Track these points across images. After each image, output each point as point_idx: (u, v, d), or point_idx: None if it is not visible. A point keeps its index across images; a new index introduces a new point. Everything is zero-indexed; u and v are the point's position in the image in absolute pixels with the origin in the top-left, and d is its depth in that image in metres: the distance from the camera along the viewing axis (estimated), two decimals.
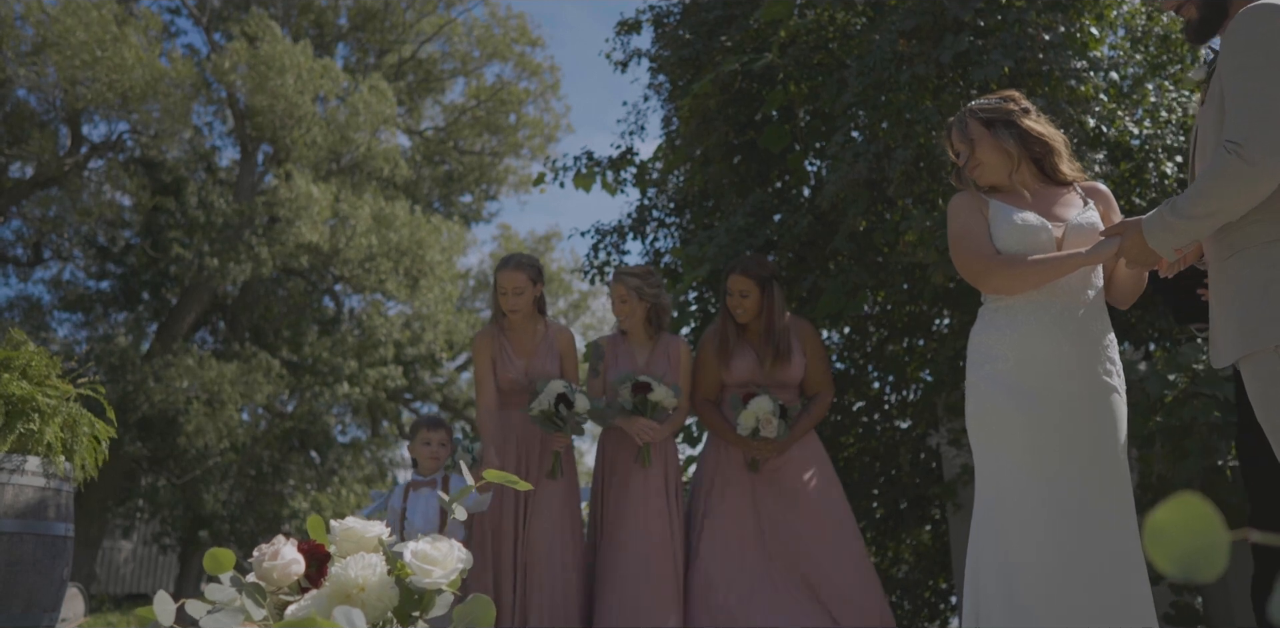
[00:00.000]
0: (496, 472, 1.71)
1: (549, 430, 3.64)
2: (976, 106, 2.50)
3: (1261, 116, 1.86)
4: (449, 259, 14.09)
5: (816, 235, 4.49)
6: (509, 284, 3.77)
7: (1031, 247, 2.37)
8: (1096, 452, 2.33)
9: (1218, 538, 0.73)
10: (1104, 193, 2.54)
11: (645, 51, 5.20)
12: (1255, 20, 1.92)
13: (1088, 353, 2.35)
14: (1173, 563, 0.74)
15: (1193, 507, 0.75)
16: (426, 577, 1.60)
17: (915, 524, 5.50)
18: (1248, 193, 1.89)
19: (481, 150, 15.24)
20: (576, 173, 5.36)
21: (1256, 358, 1.93)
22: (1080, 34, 3.70)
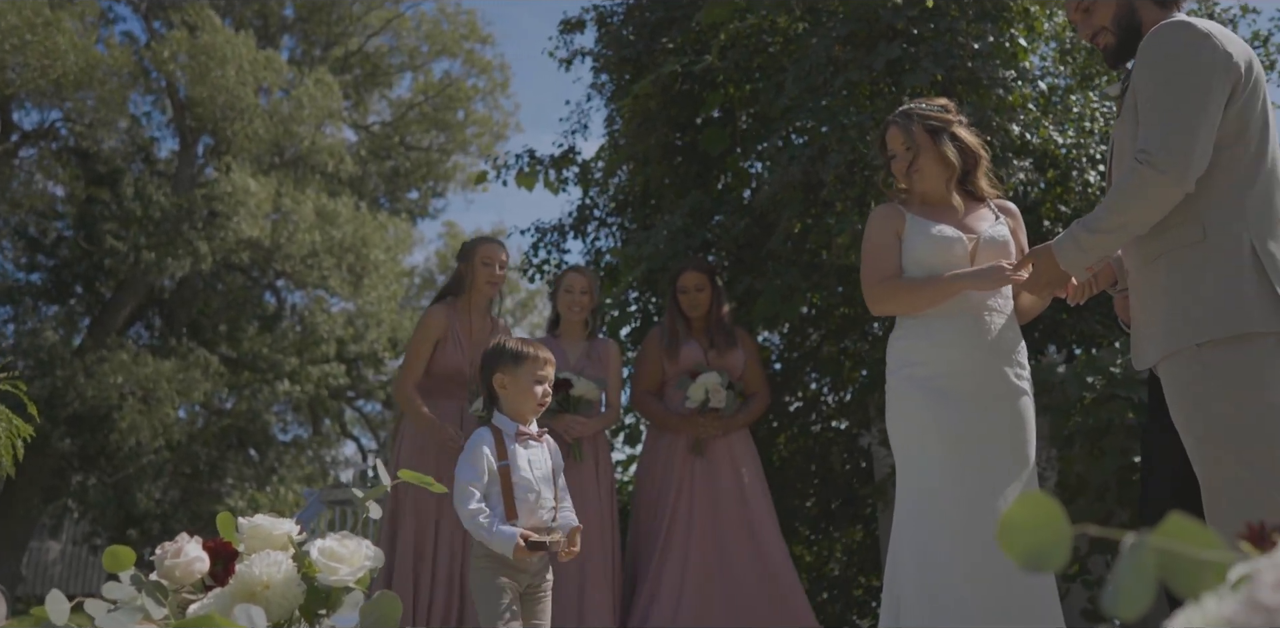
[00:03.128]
0: (410, 473, 1.70)
1: None
2: (920, 113, 2.53)
3: (1170, 127, 1.93)
4: (394, 257, 13.94)
5: (753, 237, 4.54)
6: (495, 257, 3.75)
7: (946, 259, 2.44)
8: (1009, 453, 2.41)
9: (1062, 534, 0.76)
10: (1015, 211, 2.63)
11: (589, 51, 5.21)
12: (1166, 36, 2.00)
13: (1000, 359, 2.43)
14: (1023, 556, 0.78)
15: (1041, 505, 0.78)
16: (333, 575, 1.59)
17: (848, 523, 5.58)
18: (1160, 201, 1.95)
19: (429, 147, 15.09)
20: (519, 171, 5.35)
21: (1178, 357, 1.99)
22: (1010, 44, 3.80)
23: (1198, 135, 1.93)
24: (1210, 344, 1.94)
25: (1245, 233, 1.96)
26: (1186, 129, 1.92)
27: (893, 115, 2.58)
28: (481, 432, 2.55)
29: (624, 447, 5.45)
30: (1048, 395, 3.74)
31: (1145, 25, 2.13)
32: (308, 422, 15.82)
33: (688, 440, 3.82)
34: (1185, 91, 1.94)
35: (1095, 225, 2.03)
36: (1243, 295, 1.92)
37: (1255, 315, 1.92)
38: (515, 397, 2.53)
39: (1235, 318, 1.92)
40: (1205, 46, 1.97)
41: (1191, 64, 1.96)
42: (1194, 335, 1.96)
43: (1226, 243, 1.96)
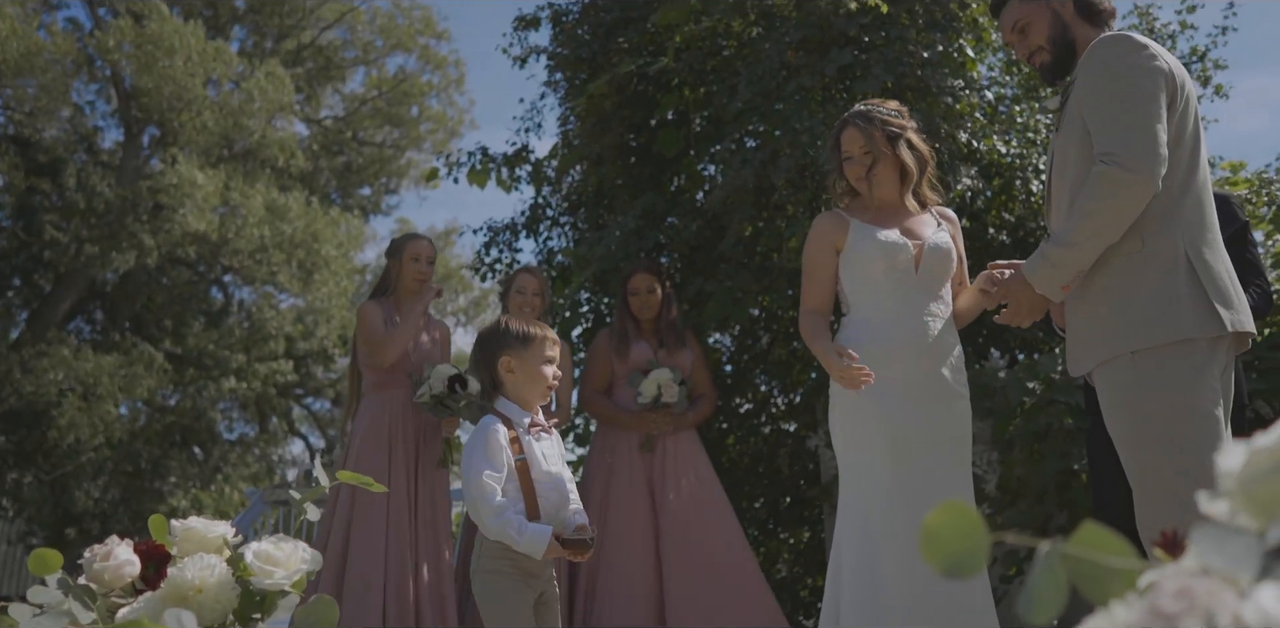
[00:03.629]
0: (349, 474, 1.69)
1: (440, 415, 3.60)
2: (881, 117, 2.53)
3: (1129, 128, 1.97)
4: (345, 253, 13.76)
5: (705, 240, 4.57)
6: (422, 253, 3.78)
7: (891, 264, 2.49)
8: (948, 456, 2.45)
9: (980, 541, 0.78)
10: (954, 218, 2.68)
11: (543, 49, 5.18)
12: (1112, 47, 2.07)
13: (939, 363, 2.47)
14: (942, 563, 0.79)
15: (961, 512, 0.79)
16: (268, 578, 1.57)
17: (795, 524, 5.64)
18: (1132, 201, 1.97)
19: (382, 142, 14.92)
20: (471, 169, 5.31)
21: (1113, 364, 2.03)
22: (959, 54, 3.87)
23: (1158, 135, 1.98)
24: (1145, 351, 1.97)
25: (1180, 242, 2.00)
26: (1147, 128, 1.97)
27: (851, 116, 2.57)
28: (492, 421, 2.28)
29: (574, 448, 5.45)
30: (989, 400, 3.82)
31: (1079, 43, 2.20)
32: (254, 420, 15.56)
33: (638, 438, 3.83)
34: (1138, 95, 1.99)
35: (1067, 239, 2.02)
36: (1178, 303, 1.97)
37: (1189, 322, 1.96)
38: (525, 381, 2.30)
39: (1170, 325, 1.96)
40: (1148, 55, 2.04)
41: (1140, 70, 2.02)
42: (1129, 343, 1.99)
43: (1163, 251, 2.00)
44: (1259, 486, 0.69)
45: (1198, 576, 0.62)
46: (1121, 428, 2.03)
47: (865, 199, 2.58)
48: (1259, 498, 0.69)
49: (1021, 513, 3.67)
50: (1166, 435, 1.95)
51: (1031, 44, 2.24)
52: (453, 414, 3.59)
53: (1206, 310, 1.97)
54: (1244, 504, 0.70)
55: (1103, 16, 2.23)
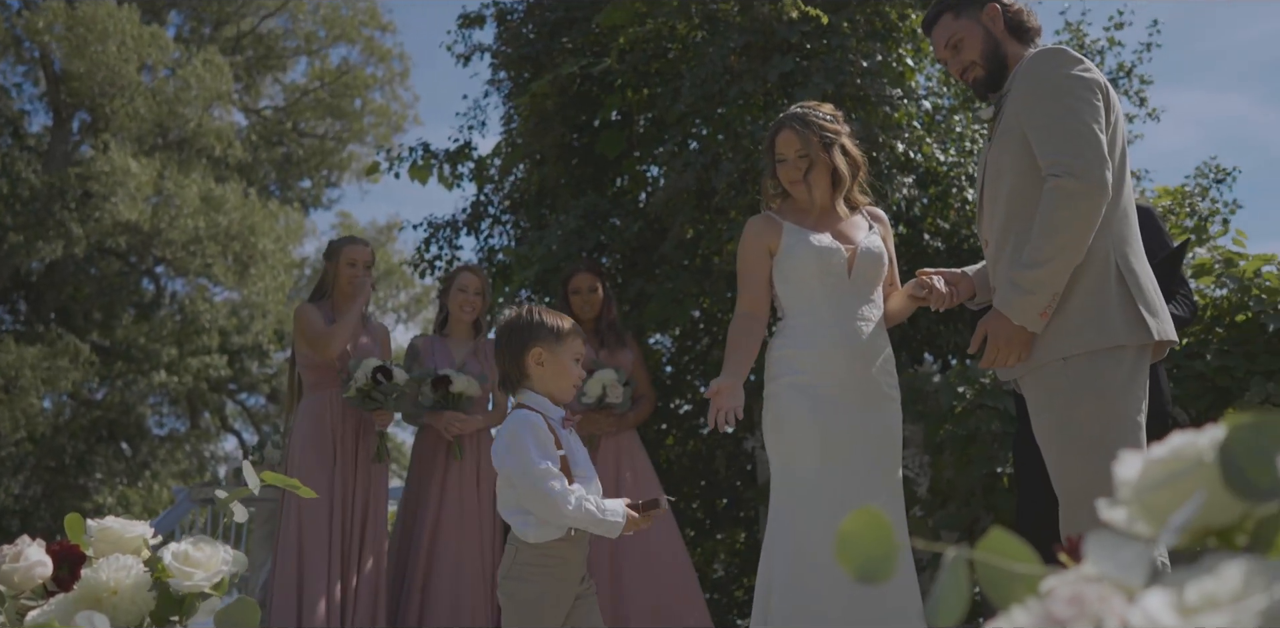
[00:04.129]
0: (274, 475, 1.66)
1: (368, 409, 3.57)
2: (817, 122, 2.54)
3: (1075, 139, 2.02)
4: (283, 247, 13.51)
5: (646, 241, 4.58)
6: (359, 258, 3.74)
7: (825, 268, 2.51)
8: (880, 459, 2.49)
9: (891, 547, 0.79)
10: (884, 218, 2.71)
11: (487, 47, 5.15)
12: (1050, 60, 2.12)
13: (871, 367, 2.51)
14: (855, 567, 0.81)
15: (874, 519, 0.81)
16: (187, 580, 1.53)
17: (731, 525, 5.69)
18: (1090, 211, 2.00)
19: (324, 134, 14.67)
20: (412, 164, 5.25)
21: (1043, 370, 2.07)
22: (898, 64, 3.94)
23: (1102, 144, 2.03)
24: (1076, 357, 2.02)
25: (1111, 251, 2.06)
26: (1092, 138, 2.01)
27: (787, 118, 2.57)
28: (527, 414, 2.16)
29: None
30: (922, 404, 3.89)
31: (1010, 58, 2.26)
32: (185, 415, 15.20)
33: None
34: (1080, 106, 2.04)
35: (1032, 259, 2.01)
36: (1109, 311, 2.02)
37: (1120, 330, 2.01)
38: (556, 375, 2.20)
39: (1101, 332, 2.01)
40: (1084, 68, 2.10)
41: (1080, 82, 2.07)
42: (1061, 349, 2.04)
43: (1095, 260, 2.04)
44: (1153, 494, 0.72)
45: (1091, 582, 0.64)
46: (1048, 433, 2.07)
47: (797, 202, 2.59)
48: (1153, 506, 0.72)
49: (950, 515, 3.74)
50: (1093, 441, 1.98)
51: (965, 60, 2.29)
52: (381, 407, 3.56)
53: (1136, 318, 2.02)
54: (1139, 512, 0.73)
55: (1030, 34, 2.29)
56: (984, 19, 2.27)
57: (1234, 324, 3.36)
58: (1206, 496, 0.66)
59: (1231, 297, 3.36)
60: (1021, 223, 2.12)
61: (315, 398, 3.65)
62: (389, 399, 3.54)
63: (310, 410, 3.63)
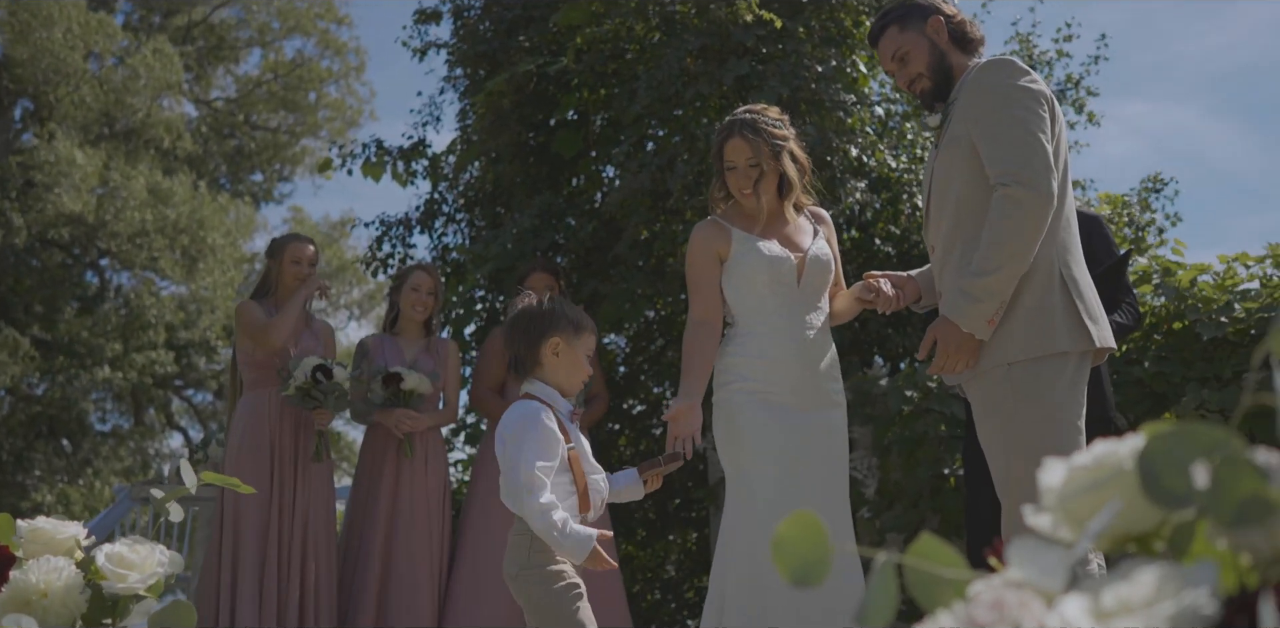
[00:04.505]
0: (214, 474, 1.63)
1: (308, 407, 3.53)
2: (767, 129, 2.52)
3: (1023, 148, 2.05)
4: (233, 241, 13.27)
5: (601, 241, 4.58)
6: (304, 256, 3.71)
7: (775, 277, 2.52)
8: (830, 464, 2.52)
9: (824, 551, 0.80)
10: (827, 218, 2.73)
11: (444, 43, 5.11)
12: (999, 71, 2.16)
13: (819, 374, 2.54)
14: (790, 571, 0.82)
15: (808, 523, 0.82)
16: (121, 582, 1.50)
17: (682, 526, 5.72)
18: (1039, 219, 2.04)
19: (277, 127, 14.43)
20: (365, 161, 5.20)
21: (988, 376, 2.10)
22: (852, 70, 3.99)
23: (1049, 153, 2.07)
24: (1020, 363, 2.06)
25: (1055, 259, 2.10)
26: (1039, 148, 2.06)
27: (737, 125, 2.53)
28: (537, 406, 2.11)
29: (465, 447, 5.39)
30: (871, 407, 3.94)
31: (955, 69, 2.30)
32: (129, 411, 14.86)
33: None
34: (1028, 117, 2.08)
35: (981, 267, 2.04)
36: (1053, 318, 2.06)
37: (1063, 337, 2.05)
38: (569, 368, 2.15)
39: (1046, 339, 2.05)
40: (1030, 79, 2.15)
41: (1027, 93, 2.11)
42: (1005, 356, 2.07)
43: (1039, 268, 2.09)
44: (1076, 501, 0.74)
45: (1013, 587, 0.66)
46: (992, 437, 2.11)
47: (744, 207, 2.59)
48: (1076, 513, 0.74)
49: (897, 517, 3.79)
50: (1034, 445, 2.02)
51: (911, 72, 2.32)
52: (320, 406, 3.52)
53: (1078, 325, 2.06)
54: (1063, 518, 0.75)
55: (973, 44, 2.33)
56: (928, 31, 2.30)
57: (1171, 332, 3.45)
58: (1123, 503, 0.68)
59: (1169, 305, 3.45)
60: (968, 230, 2.15)
61: (255, 396, 3.61)
62: (329, 398, 3.50)
63: (249, 409, 3.59)
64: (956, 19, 2.33)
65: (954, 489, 3.72)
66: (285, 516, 3.49)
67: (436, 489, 3.75)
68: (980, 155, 2.12)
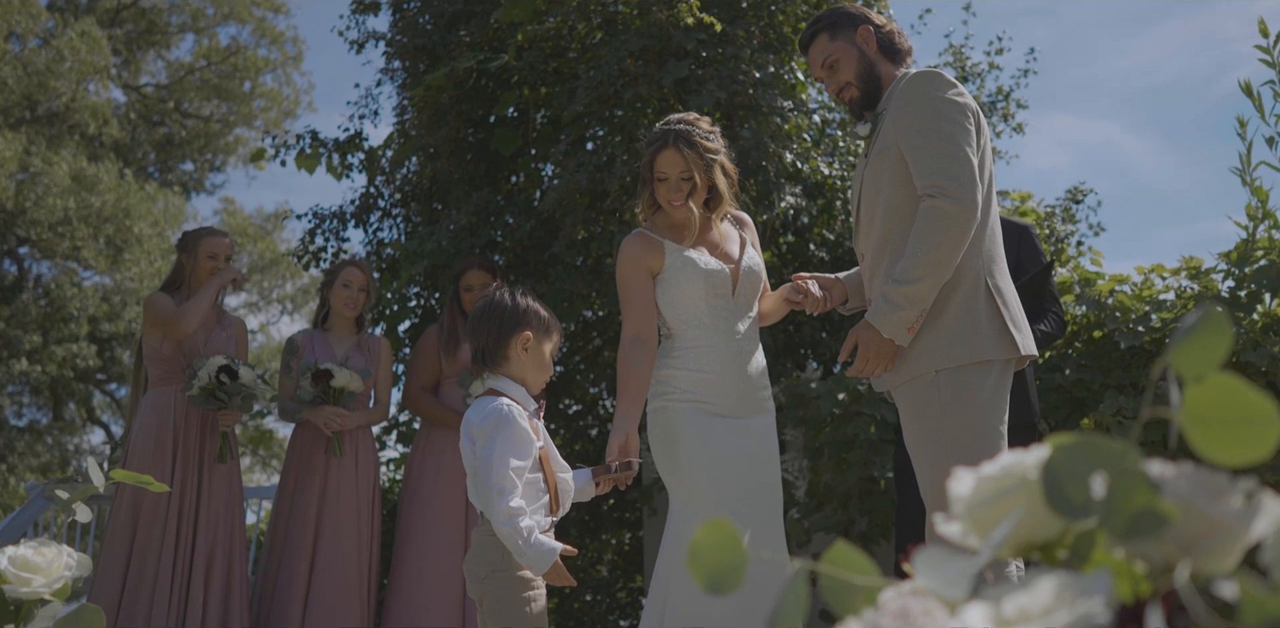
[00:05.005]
0: (124, 472, 1.59)
1: (212, 408, 3.46)
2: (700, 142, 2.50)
3: (950, 161, 2.09)
4: (161, 231, 12.90)
5: (539, 240, 4.56)
6: (219, 250, 3.62)
7: (712, 290, 2.52)
8: (765, 472, 2.55)
9: (739, 558, 0.81)
10: (749, 221, 2.75)
11: (382, 34, 5.04)
12: (928, 82, 2.18)
13: (751, 382, 2.56)
14: (705, 577, 0.82)
15: (722, 529, 0.83)
16: (25, 586, 1.45)
17: (616, 527, 5.71)
18: (964, 232, 2.07)
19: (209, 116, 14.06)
20: (299, 152, 5.09)
21: (916, 382, 2.14)
22: (789, 76, 4.03)
23: (975, 166, 2.11)
24: (947, 371, 2.10)
25: (981, 269, 2.15)
26: (965, 161, 2.10)
27: (670, 137, 2.49)
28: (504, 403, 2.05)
29: (397, 445, 5.32)
30: (803, 409, 3.98)
31: (884, 78, 2.33)
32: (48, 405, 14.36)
33: None
34: (954, 128, 2.12)
35: (905, 276, 2.06)
36: (979, 326, 2.10)
37: (989, 345, 2.10)
38: (536, 366, 2.13)
39: (972, 347, 2.10)
40: (958, 92, 2.18)
41: (955, 105, 2.15)
42: (934, 363, 2.11)
43: (966, 278, 2.13)
44: (983, 510, 0.75)
45: (919, 595, 0.67)
46: (918, 442, 2.15)
47: (673, 218, 2.57)
48: (983, 521, 0.75)
49: (827, 518, 3.84)
50: (959, 451, 2.07)
51: (840, 80, 2.34)
52: (224, 407, 3.45)
53: (1003, 334, 2.11)
54: (971, 527, 0.76)
55: (901, 54, 2.36)
56: (858, 40, 2.33)
57: (1091, 340, 3.56)
58: (1024, 512, 0.69)
59: (1090, 315, 3.55)
60: (897, 238, 2.18)
61: (160, 393, 3.53)
62: (233, 400, 3.43)
63: (153, 406, 3.51)
64: (886, 29, 2.35)
65: (883, 492, 3.78)
66: (187, 516, 3.42)
67: (366, 489, 3.69)
68: (909, 166, 2.16)
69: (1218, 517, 0.61)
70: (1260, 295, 3.28)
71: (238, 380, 3.43)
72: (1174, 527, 0.61)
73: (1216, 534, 0.61)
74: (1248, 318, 3.22)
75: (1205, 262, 3.50)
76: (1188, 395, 0.64)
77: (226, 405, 3.46)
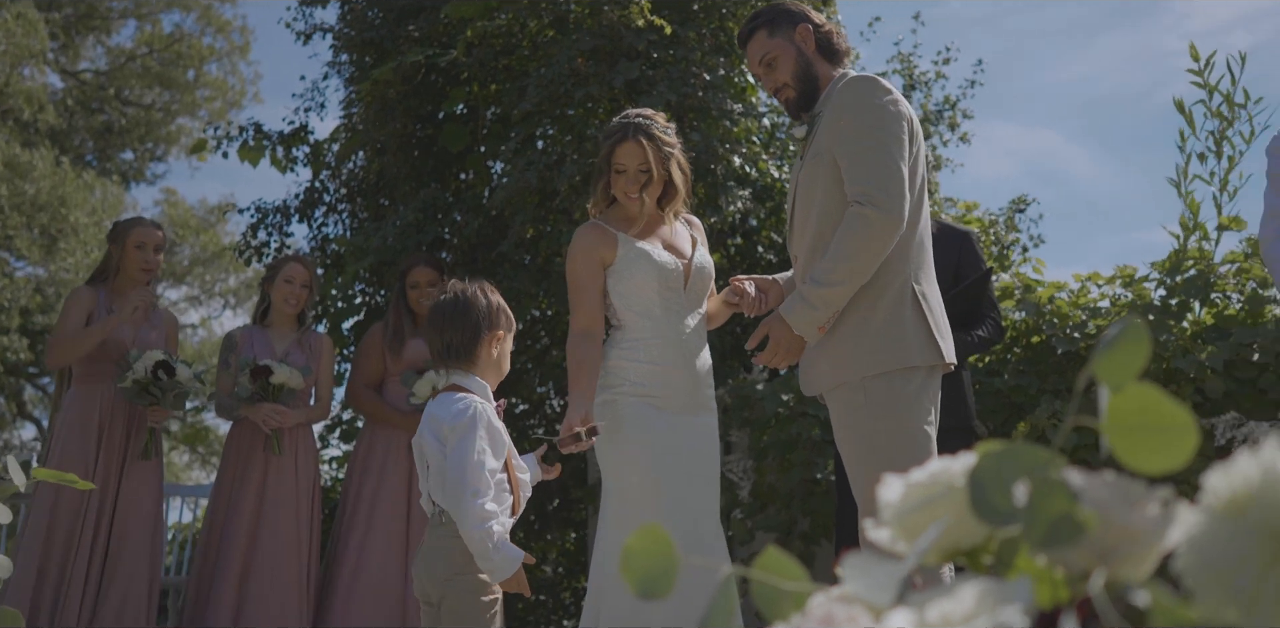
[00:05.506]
0: (47, 471, 1.54)
1: (142, 403, 3.38)
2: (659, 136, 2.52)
3: (881, 169, 2.10)
4: (98, 221, 12.55)
5: (487, 238, 4.52)
6: (149, 241, 3.53)
7: (665, 283, 2.53)
8: (707, 469, 2.56)
9: (671, 563, 0.81)
10: (698, 223, 2.78)
11: (330, 27, 4.96)
12: (863, 89, 2.19)
13: (699, 378, 2.57)
14: (637, 582, 0.82)
15: (655, 535, 0.82)
16: None
17: (561, 526, 5.70)
18: (887, 241, 2.10)
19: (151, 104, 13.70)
20: (243, 144, 5.00)
21: (845, 387, 2.16)
22: (739, 79, 4.05)
23: (904, 177, 2.13)
24: (875, 376, 2.12)
25: (908, 276, 2.17)
26: (895, 170, 2.11)
27: (631, 129, 2.50)
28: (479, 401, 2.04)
29: (339, 444, 5.25)
30: (749, 410, 4.01)
31: (821, 79, 2.33)
32: None
33: (407, 438, 3.74)
34: (887, 138, 2.13)
35: (824, 278, 2.09)
36: (905, 333, 2.13)
37: (915, 351, 2.13)
38: (499, 364, 2.15)
39: (898, 353, 2.12)
40: (893, 100, 2.19)
41: (889, 114, 2.16)
42: (862, 368, 2.14)
43: (893, 284, 2.16)
44: (912, 516, 0.76)
45: (845, 601, 0.67)
46: (849, 447, 2.18)
47: (626, 211, 2.58)
48: (911, 528, 0.76)
49: (770, 518, 3.87)
50: (887, 455, 2.10)
51: (778, 80, 2.33)
52: (155, 403, 3.38)
53: (929, 341, 2.14)
54: (900, 533, 0.77)
55: (839, 55, 2.36)
56: (796, 39, 2.32)
57: (1029, 346, 3.63)
58: (951, 519, 0.70)
59: (1029, 320, 3.63)
60: (830, 241, 2.19)
61: (85, 390, 3.45)
62: (166, 396, 3.36)
63: (77, 402, 3.43)
64: (824, 28, 2.35)
65: (826, 492, 3.82)
66: (105, 514, 3.36)
67: (306, 488, 3.64)
68: (842, 172, 2.18)
69: (1134, 525, 0.62)
70: (1190, 304, 3.38)
71: (174, 378, 3.35)
72: (1092, 535, 0.62)
73: (1132, 543, 0.62)
74: (1178, 326, 3.32)
75: (1139, 270, 3.60)
76: (1109, 404, 0.65)
77: (158, 402, 3.38)
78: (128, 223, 3.62)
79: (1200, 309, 3.39)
